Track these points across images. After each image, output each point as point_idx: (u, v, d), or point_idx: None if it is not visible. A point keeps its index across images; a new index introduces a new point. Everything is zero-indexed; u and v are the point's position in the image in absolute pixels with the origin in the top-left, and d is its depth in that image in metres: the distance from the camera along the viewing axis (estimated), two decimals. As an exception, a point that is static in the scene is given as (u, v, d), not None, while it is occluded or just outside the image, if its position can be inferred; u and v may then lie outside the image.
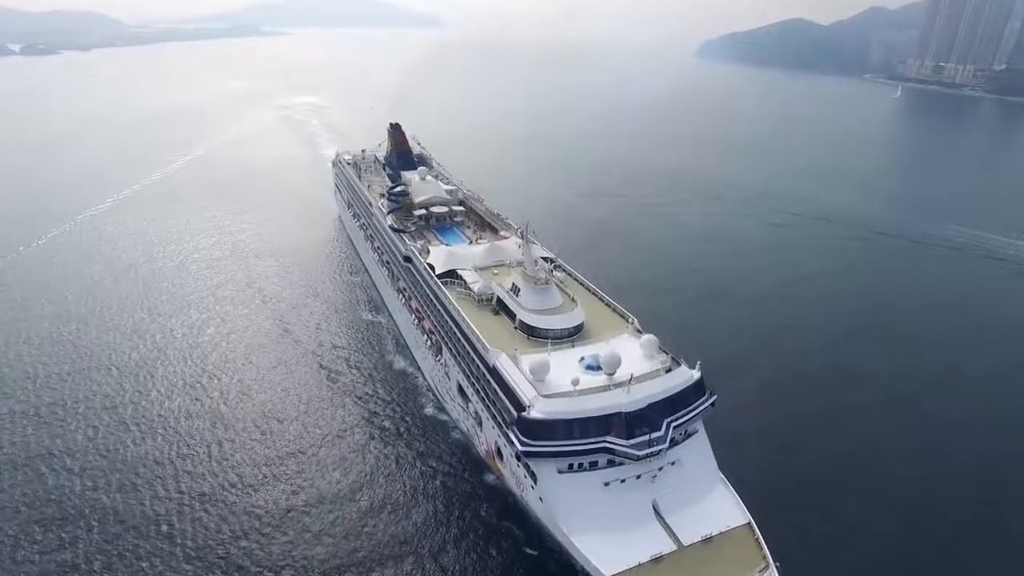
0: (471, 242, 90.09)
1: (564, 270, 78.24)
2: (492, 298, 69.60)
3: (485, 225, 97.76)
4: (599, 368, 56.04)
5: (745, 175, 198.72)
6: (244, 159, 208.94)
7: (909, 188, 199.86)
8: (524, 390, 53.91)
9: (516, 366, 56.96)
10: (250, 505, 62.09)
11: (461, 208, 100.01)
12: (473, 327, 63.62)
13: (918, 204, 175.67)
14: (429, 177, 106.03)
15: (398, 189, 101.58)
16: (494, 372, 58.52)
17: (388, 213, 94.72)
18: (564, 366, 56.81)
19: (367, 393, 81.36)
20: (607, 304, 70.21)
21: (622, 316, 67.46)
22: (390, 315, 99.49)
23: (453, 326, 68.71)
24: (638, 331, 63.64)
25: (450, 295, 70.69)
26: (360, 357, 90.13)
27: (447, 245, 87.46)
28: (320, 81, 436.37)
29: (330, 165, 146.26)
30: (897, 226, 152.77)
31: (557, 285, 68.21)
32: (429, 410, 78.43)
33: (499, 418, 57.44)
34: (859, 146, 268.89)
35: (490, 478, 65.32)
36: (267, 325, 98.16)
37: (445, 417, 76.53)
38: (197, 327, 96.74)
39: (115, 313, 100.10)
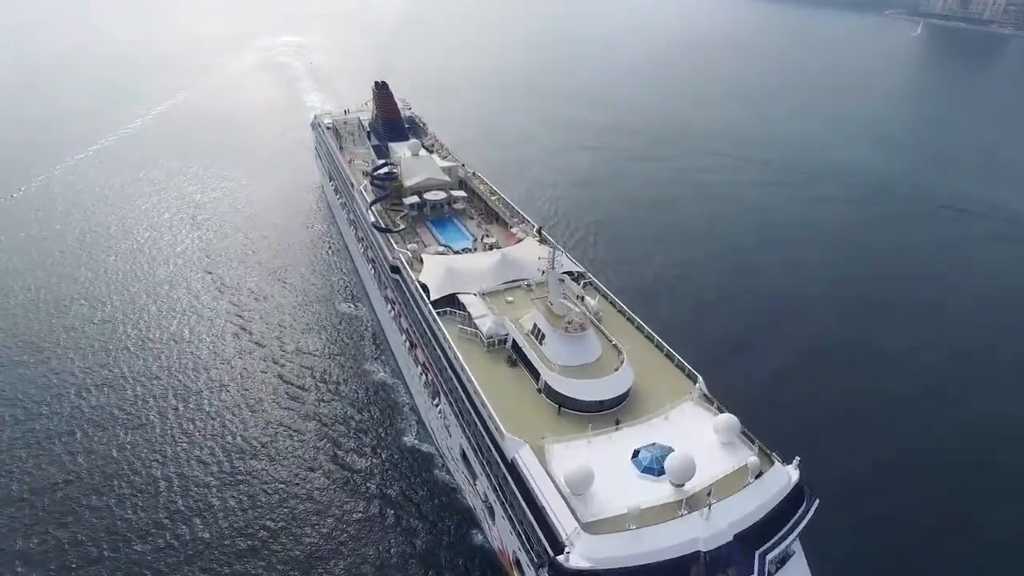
0: (475, 240, 72.64)
1: (596, 288, 61.17)
2: (506, 340, 52.68)
3: (491, 215, 79.84)
4: (661, 471, 39.79)
5: (775, 131, 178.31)
6: (219, 112, 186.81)
7: (929, 142, 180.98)
8: (559, 515, 37.72)
9: (545, 467, 40.65)
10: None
11: (462, 193, 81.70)
12: (482, 394, 46.92)
13: (944, 162, 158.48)
14: (423, 152, 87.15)
15: (384, 171, 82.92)
16: (513, 470, 42.26)
17: (371, 204, 76.25)
18: (610, 464, 40.71)
19: (335, 416, 67.40)
20: (657, 346, 53.34)
21: (680, 368, 50.74)
22: (371, 306, 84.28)
23: (455, 382, 52.09)
24: (706, 397, 47.10)
25: (450, 335, 53.62)
26: (330, 365, 75.54)
27: (446, 248, 70.11)
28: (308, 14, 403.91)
29: (310, 126, 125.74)
30: (920, 189, 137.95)
31: (594, 324, 51.24)
32: (409, 438, 65.16)
33: (524, 546, 41.52)
34: (868, 94, 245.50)
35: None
36: (221, 323, 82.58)
37: (429, 449, 63.43)
38: (131, 331, 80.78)
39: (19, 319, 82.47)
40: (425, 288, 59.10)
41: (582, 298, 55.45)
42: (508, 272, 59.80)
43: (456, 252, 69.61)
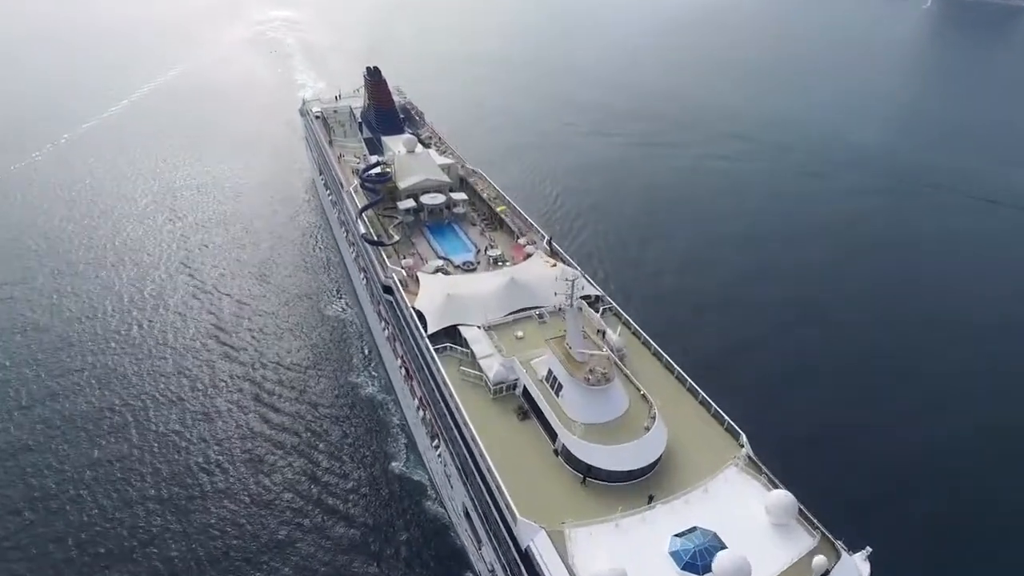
0: (478, 252, 65.00)
1: (616, 314, 53.76)
2: (516, 386, 45.40)
3: (495, 220, 72.05)
4: (706, 570, 32.83)
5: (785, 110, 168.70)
6: (206, 91, 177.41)
7: (944, 121, 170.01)
8: None
9: (566, 560, 33.67)
10: None
11: (462, 196, 73.72)
12: (489, 459, 39.78)
13: (963, 143, 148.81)
14: (419, 148, 78.87)
15: (376, 170, 74.81)
16: (527, 560, 35.29)
17: (362, 211, 68.27)
18: (643, 557, 33.80)
19: (316, 435, 61.99)
20: (690, 391, 46.08)
21: (717, 420, 43.57)
22: (361, 310, 77.75)
23: (457, 435, 44.97)
24: (752, 461, 39.96)
25: (451, 378, 46.29)
26: (314, 377, 69.58)
27: (445, 261, 62.48)
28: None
29: (299, 113, 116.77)
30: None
31: (619, 367, 44.01)
32: (399, 464, 59.52)
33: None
34: (878, 71, 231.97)
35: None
36: (193, 331, 75.96)
37: (420, 477, 57.88)
38: (91, 335, 74.51)
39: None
40: (421, 317, 51.59)
41: (603, 332, 48.09)
42: (517, 299, 52.22)
43: (457, 266, 62.14)
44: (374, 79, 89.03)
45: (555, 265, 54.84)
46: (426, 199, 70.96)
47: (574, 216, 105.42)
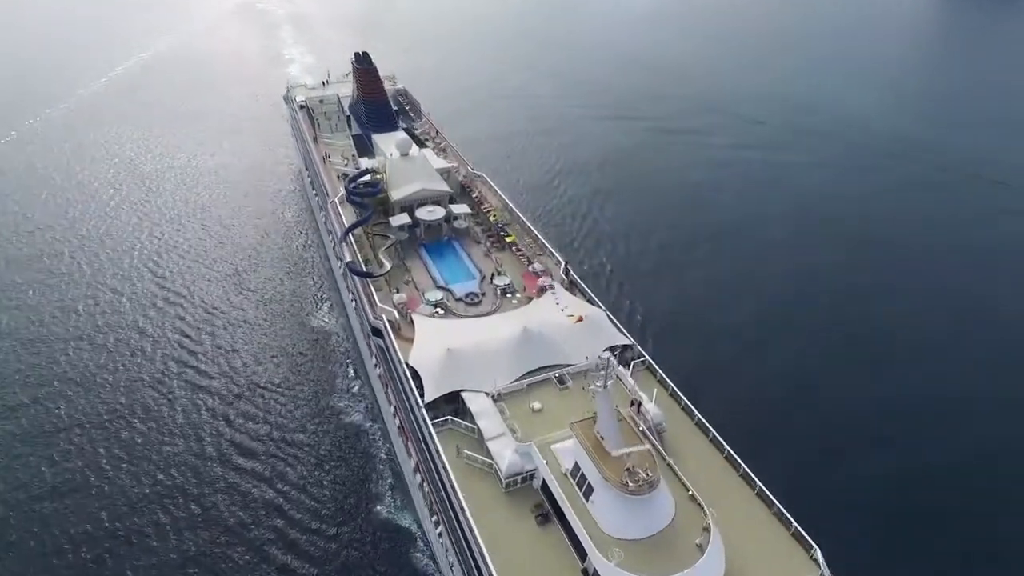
0: (483, 279, 55.72)
1: (651, 370, 44.98)
2: (533, 476, 36.85)
3: (502, 236, 62.75)
4: None
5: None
6: (189, 67, 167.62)
7: (951, 97, 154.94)
8: None
9: None
10: None
11: (465, 209, 64.29)
12: None
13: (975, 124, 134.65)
14: (414, 150, 69.05)
15: (365, 179, 65.22)
16: None
17: (347, 233, 58.71)
18: None
19: (289, 475, 54.13)
20: (744, 477, 37.50)
21: (781, 521, 35.08)
22: (348, 322, 69.37)
23: (462, 537, 36.59)
24: (831, 586, 31.59)
25: (453, 465, 37.69)
26: (290, 402, 61.59)
27: (445, 292, 53.51)
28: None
29: (284, 100, 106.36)
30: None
31: (662, 457, 35.47)
32: (384, 508, 51.76)
33: None
34: (882, 45, 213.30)
35: None
36: (155, 345, 68.08)
37: (408, 523, 50.05)
38: (32, 355, 66.27)
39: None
40: (416, 376, 42.77)
41: (638, 404, 39.29)
42: (532, 356, 43.35)
43: (459, 298, 53.15)
44: (363, 67, 78.78)
45: (580, 319, 45.10)
46: (423, 213, 61.59)
47: (586, 223, 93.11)
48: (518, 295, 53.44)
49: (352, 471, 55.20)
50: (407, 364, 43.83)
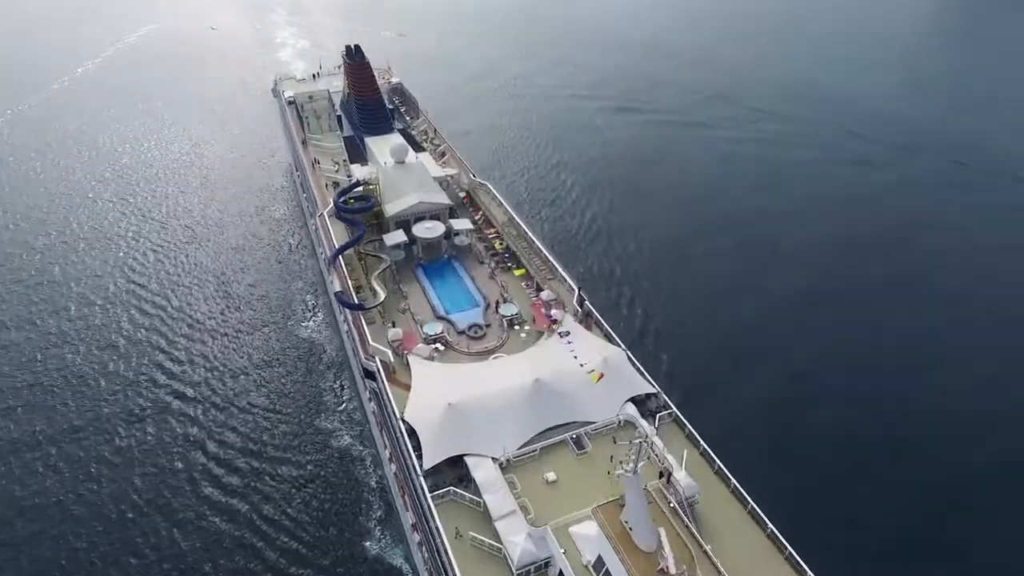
0: (487, 308, 50.36)
1: (676, 421, 39.81)
2: (547, 565, 31.89)
3: (507, 253, 57.22)
4: None
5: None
6: (177, 52, 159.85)
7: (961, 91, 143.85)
8: None
9: None
10: None
11: (467, 225, 58.72)
12: None
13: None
14: (411, 156, 63.10)
15: (357, 191, 59.42)
16: None
17: (336, 256, 53.02)
18: None
19: (272, 506, 49.76)
20: (789, 562, 32.45)
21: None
22: (337, 331, 64.32)
23: None
24: None
25: (456, 552, 32.64)
26: (273, 423, 56.88)
27: (446, 324, 48.30)
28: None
29: (273, 93, 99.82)
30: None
31: (700, 546, 30.48)
32: (373, 544, 47.62)
33: None
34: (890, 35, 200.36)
35: None
36: (133, 360, 63.17)
37: (399, 562, 46.06)
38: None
39: None
40: (413, 434, 37.60)
41: (667, 474, 34.12)
42: (545, 411, 38.23)
43: (462, 331, 47.87)
44: (355, 62, 72.50)
45: (600, 377, 39.19)
46: (420, 230, 55.97)
47: (601, 236, 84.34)
48: (527, 327, 48.19)
49: (340, 501, 50.78)
50: (403, 419, 38.63)
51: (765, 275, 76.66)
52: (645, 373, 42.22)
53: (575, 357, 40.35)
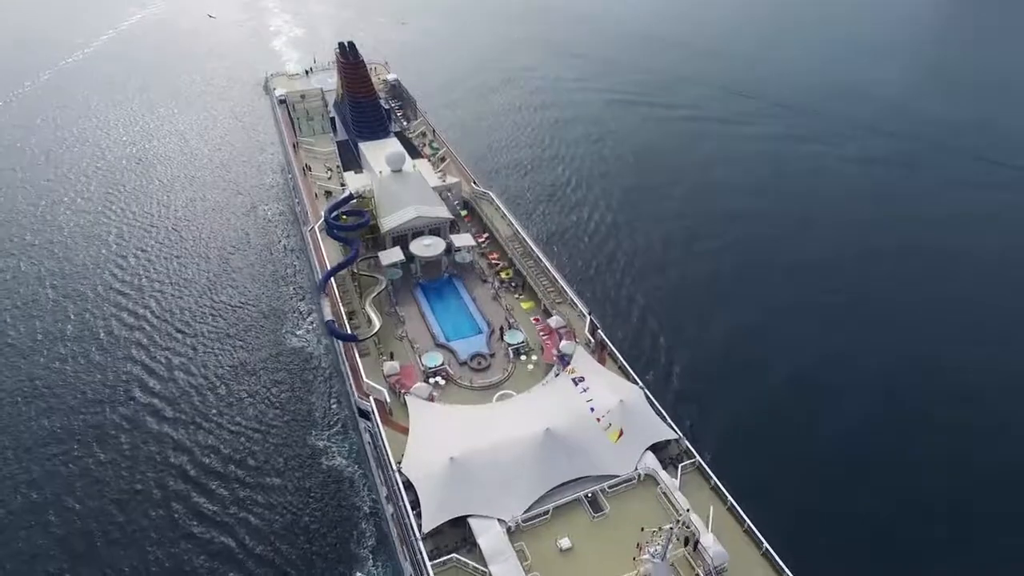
0: (491, 335, 46.71)
1: (700, 470, 36.29)
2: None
3: (512, 273, 53.43)
4: None
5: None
6: (168, 42, 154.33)
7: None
8: None
9: None
10: None
11: (469, 241, 54.77)
12: None
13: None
14: (408, 164, 58.85)
15: (350, 204, 55.33)
16: None
17: (327, 279, 49.08)
18: None
19: (256, 532, 45.95)
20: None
21: None
22: (336, 358, 59.45)
23: None
24: None
25: None
26: (259, 440, 52.70)
27: (446, 353, 44.59)
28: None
29: (264, 89, 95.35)
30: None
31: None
32: None
33: None
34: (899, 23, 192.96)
35: None
36: (121, 365, 59.23)
37: None
38: None
39: None
40: (410, 487, 34.01)
41: (695, 542, 30.60)
42: (557, 465, 34.67)
43: (463, 362, 44.24)
44: (349, 61, 68.06)
45: (620, 435, 34.85)
46: (419, 248, 52.08)
47: (613, 255, 76.43)
48: (534, 358, 44.49)
49: (330, 526, 46.91)
50: (400, 471, 35.02)
51: (804, 298, 68.47)
52: (665, 415, 38.55)
53: (589, 402, 36.56)
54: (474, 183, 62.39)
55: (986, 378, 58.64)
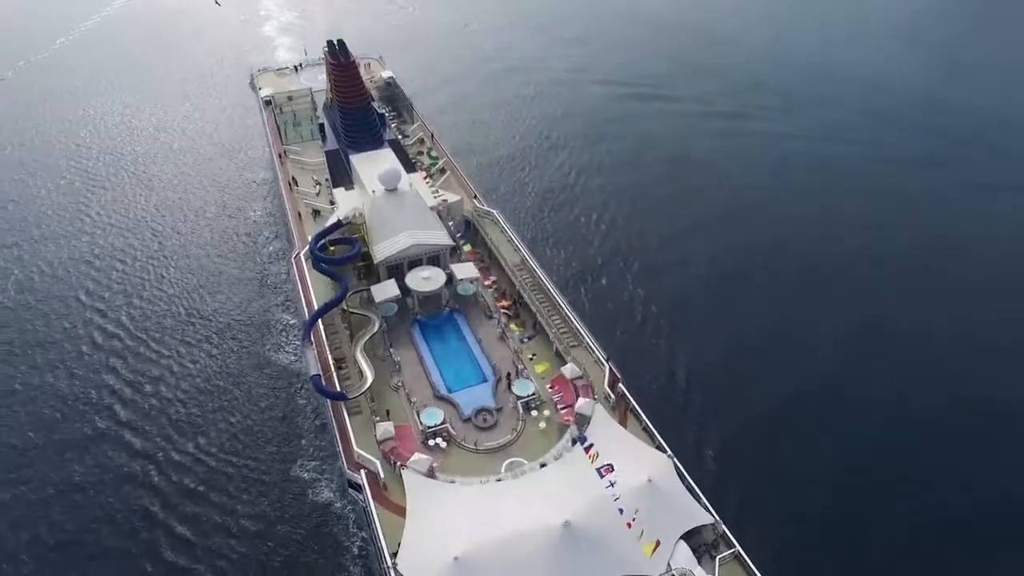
0: (498, 382, 41.79)
1: (737, 559, 31.51)
2: None
3: (520, 305, 48.45)
4: None
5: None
6: (152, 29, 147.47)
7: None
8: None
9: None
10: None
11: (473, 273, 49.48)
12: None
13: None
14: (404, 180, 53.19)
15: (339, 232, 49.96)
16: None
17: (311, 326, 43.58)
18: None
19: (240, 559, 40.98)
20: None
21: None
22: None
23: None
24: None
25: None
26: (235, 468, 46.87)
27: (447, 407, 39.88)
28: None
29: (250, 87, 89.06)
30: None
31: None
32: None
33: None
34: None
35: None
36: (91, 388, 53.55)
37: None
38: None
39: None
40: (410, 590, 29.34)
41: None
42: (579, 567, 29.83)
43: (467, 419, 39.41)
44: (339, 61, 62.08)
45: (656, 548, 29.87)
46: (416, 281, 46.93)
47: (634, 290, 64.23)
48: (546, 413, 39.58)
49: (314, 567, 41.63)
50: (395, 568, 30.29)
51: (878, 348, 57.04)
52: (699, 492, 33.71)
53: (613, 492, 31.47)
54: (476, 200, 56.98)
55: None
